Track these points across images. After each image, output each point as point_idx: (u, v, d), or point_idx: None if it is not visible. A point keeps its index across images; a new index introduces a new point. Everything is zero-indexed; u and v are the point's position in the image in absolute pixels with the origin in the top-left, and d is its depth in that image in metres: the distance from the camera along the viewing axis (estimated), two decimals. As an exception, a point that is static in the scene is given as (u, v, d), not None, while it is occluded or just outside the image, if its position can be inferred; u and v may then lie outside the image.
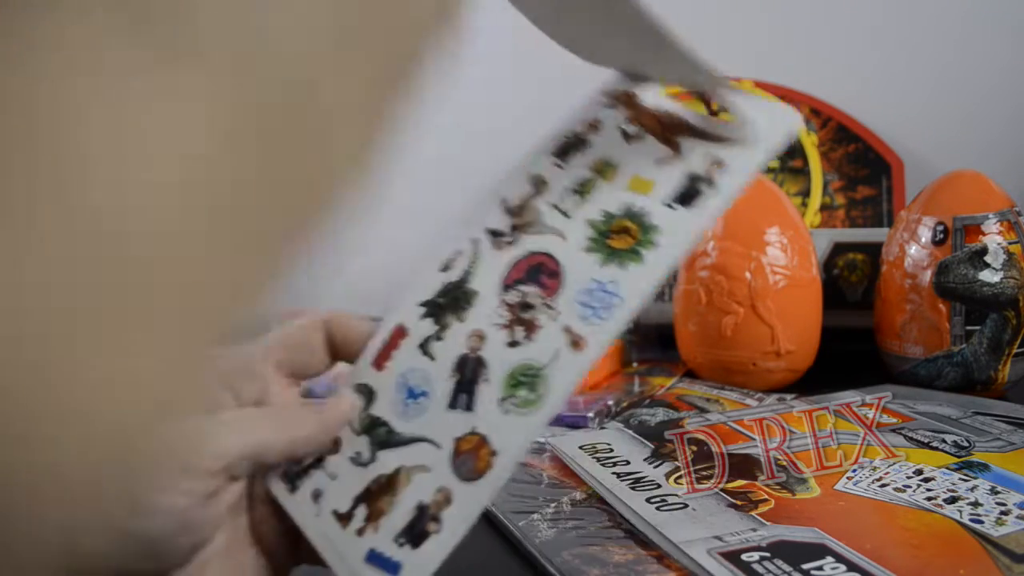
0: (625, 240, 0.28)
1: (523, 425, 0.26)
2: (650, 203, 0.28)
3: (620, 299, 0.26)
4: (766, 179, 0.58)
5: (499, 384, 0.27)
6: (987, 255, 0.49)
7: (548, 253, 0.28)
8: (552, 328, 0.27)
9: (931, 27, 0.74)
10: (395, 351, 0.29)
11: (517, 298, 0.28)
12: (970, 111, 0.74)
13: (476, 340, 0.28)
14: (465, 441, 0.26)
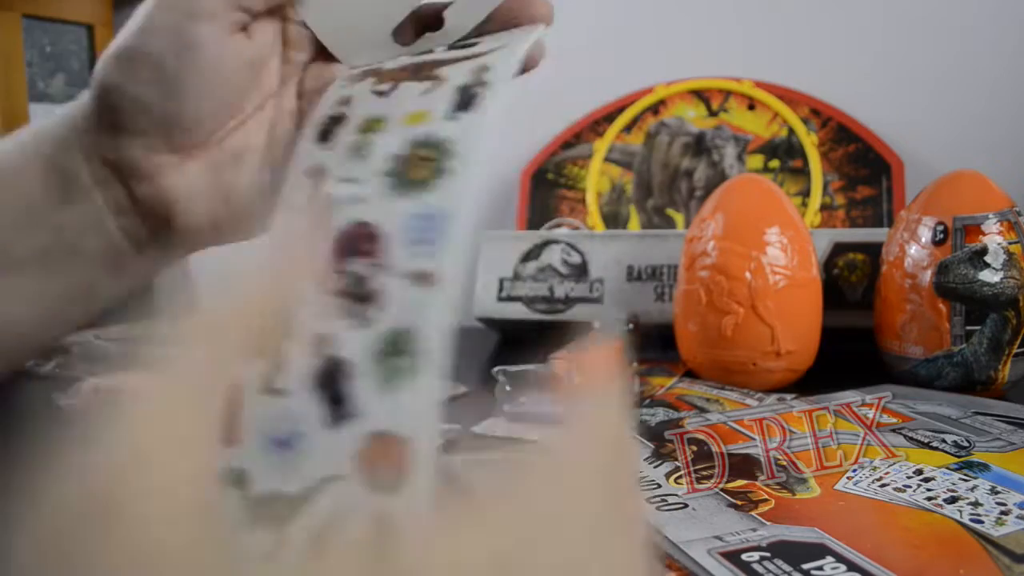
0: (423, 167, 0.26)
1: (419, 395, 0.22)
2: (432, 126, 0.27)
3: (444, 215, 0.24)
4: (766, 179, 0.58)
5: (372, 370, 0.23)
6: (987, 255, 0.49)
7: (356, 222, 0.26)
8: (394, 283, 0.24)
9: (931, 27, 0.74)
10: (240, 412, 0.24)
11: (345, 281, 0.25)
12: (970, 111, 0.74)
13: (322, 345, 0.24)
14: (369, 451, 0.23)
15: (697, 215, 0.58)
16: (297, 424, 0.23)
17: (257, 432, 0.24)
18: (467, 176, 0.25)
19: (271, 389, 0.24)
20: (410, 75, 0.30)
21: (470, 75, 0.28)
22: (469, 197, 0.25)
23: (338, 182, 0.27)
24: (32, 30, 0.93)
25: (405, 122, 0.28)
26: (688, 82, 0.78)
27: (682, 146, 0.78)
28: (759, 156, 0.76)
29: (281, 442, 0.23)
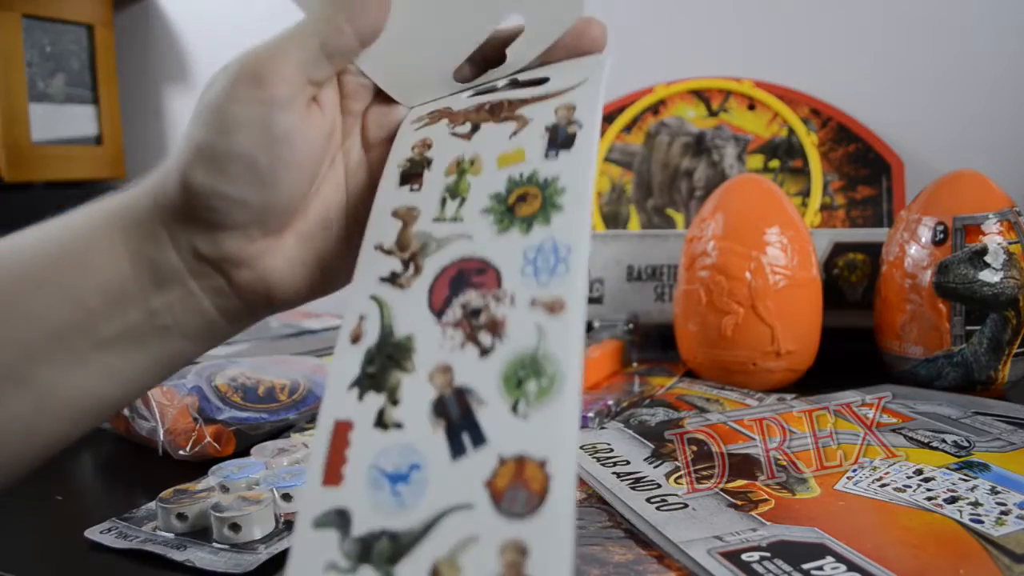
0: (530, 203, 0.26)
1: (555, 416, 0.22)
2: (531, 165, 0.27)
3: (566, 247, 0.25)
4: (766, 179, 0.58)
5: (499, 396, 0.23)
6: (987, 255, 0.49)
7: (462, 258, 0.26)
8: (518, 311, 0.24)
9: (931, 27, 0.74)
10: (347, 450, 0.24)
11: (459, 313, 0.25)
12: (970, 111, 0.74)
13: (441, 375, 0.24)
14: (499, 477, 0.22)
15: (697, 215, 0.58)
16: (415, 457, 0.23)
17: (368, 468, 0.23)
18: (581, 211, 0.26)
19: (385, 424, 0.24)
20: (488, 116, 0.30)
21: (555, 114, 0.29)
22: (586, 230, 0.25)
23: (435, 222, 0.27)
24: (32, 30, 0.93)
25: (500, 162, 0.28)
26: (688, 82, 0.78)
27: (682, 146, 0.78)
28: (759, 156, 0.76)
29: (396, 476, 0.23)
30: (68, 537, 0.36)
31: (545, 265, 0.25)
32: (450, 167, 0.29)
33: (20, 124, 0.91)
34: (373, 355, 0.25)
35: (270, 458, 0.42)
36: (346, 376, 0.25)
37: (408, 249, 0.27)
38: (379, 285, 0.27)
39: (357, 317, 0.26)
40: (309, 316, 0.89)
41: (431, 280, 0.26)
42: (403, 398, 0.24)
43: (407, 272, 0.27)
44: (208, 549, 0.34)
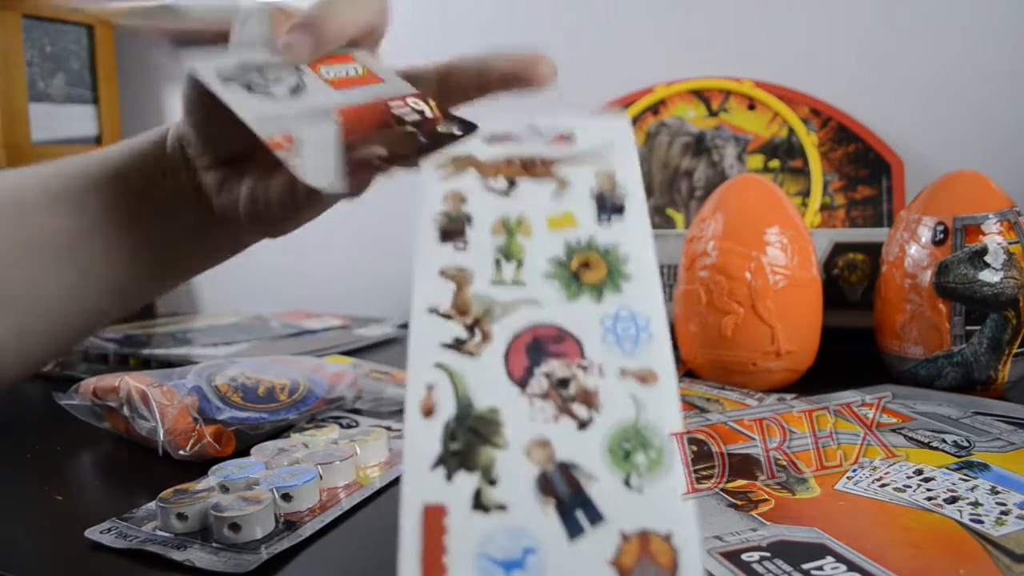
0: (595, 271, 0.26)
1: (672, 488, 0.22)
2: (585, 230, 0.27)
3: (644, 317, 0.25)
4: (766, 179, 0.58)
5: (607, 470, 0.22)
6: (987, 255, 0.49)
7: (536, 324, 0.25)
8: (608, 382, 0.24)
9: (931, 27, 0.74)
10: (444, 537, 0.22)
11: (545, 384, 0.24)
12: (970, 111, 0.74)
13: (540, 450, 0.23)
14: (624, 555, 0.21)
15: (697, 215, 0.58)
16: (527, 540, 0.22)
17: (476, 556, 0.21)
18: (650, 278, 0.26)
19: (485, 506, 0.22)
20: (523, 171, 0.29)
21: (597, 181, 0.29)
22: (660, 298, 0.25)
23: (494, 285, 0.26)
24: (32, 30, 0.93)
25: (552, 226, 0.28)
26: (688, 82, 0.78)
27: (682, 146, 0.78)
28: (759, 156, 0.76)
29: (511, 564, 0.21)
30: (68, 537, 0.36)
31: (627, 335, 0.25)
32: (496, 226, 0.28)
33: (20, 124, 0.91)
34: (454, 430, 0.23)
35: (270, 458, 0.42)
36: (427, 454, 0.23)
37: (469, 313, 0.26)
38: (443, 352, 0.25)
39: (424, 387, 0.24)
40: (309, 316, 0.89)
41: (504, 347, 0.25)
42: (500, 476, 0.22)
43: (474, 338, 0.25)
44: (208, 549, 0.34)
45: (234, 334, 0.78)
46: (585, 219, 0.28)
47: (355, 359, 0.65)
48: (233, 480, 0.39)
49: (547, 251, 0.27)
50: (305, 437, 0.46)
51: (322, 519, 0.36)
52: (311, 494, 0.38)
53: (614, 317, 0.25)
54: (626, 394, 0.23)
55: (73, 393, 0.49)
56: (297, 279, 1.03)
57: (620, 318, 0.25)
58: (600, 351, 0.24)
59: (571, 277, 0.26)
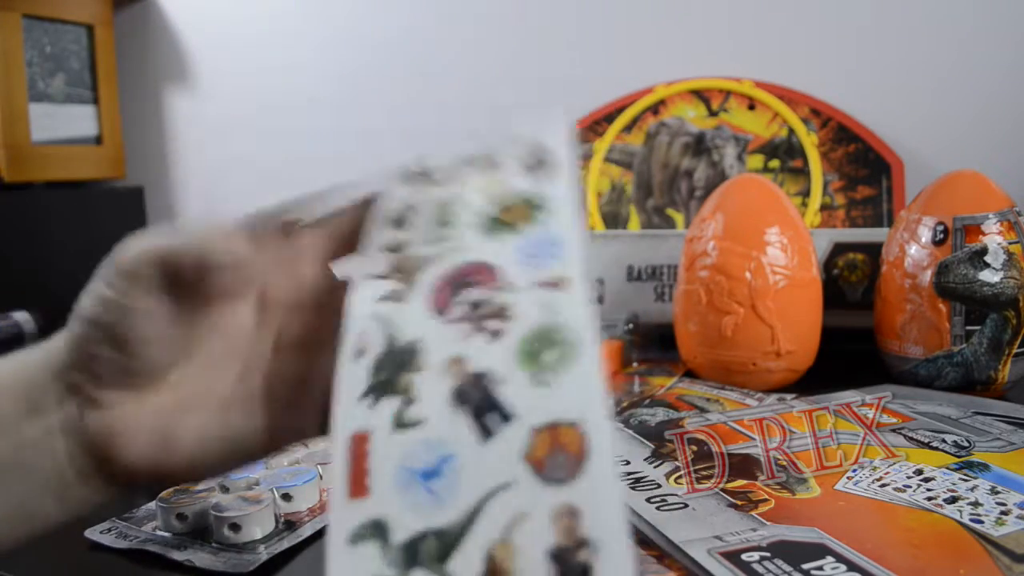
0: (517, 211, 0.27)
1: (578, 377, 0.22)
2: (511, 185, 0.28)
3: (557, 239, 0.26)
4: (766, 179, 0.58)
5: (517, 372, 0.23)
6: (987, 255, 0.49)
7: (461, 264, 0.26)
8: (522, 294, 0.24)
9: (931, 27, 0.74)
10: (367, 460, 0.23)
11: (464, 309, 0.25)
12: (970, 111, 0.74)
13: (456, 366, 0.24)
14: (535, 448, 0.22)
15: (697, 215, 0.58)
16: (443, 449, 0.22)
17: (397, 471, 0.22)
18: (564, 206, 0.27)
19: (404, 424, 0.23)
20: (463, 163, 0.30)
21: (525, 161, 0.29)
22: (575, 217, 0.26)
23: (425, 244, 0.27)
24: (32, 30, 0.93)
25: (480, 190, 0.28)
26: (688, 82, 0.78)
27: (682, 146, 0.78)
28: (759, 156, 0.76)
29: (428, 473, 0.22)
30: (68, 537, 0.36)
31: (543, 253, 0.25)
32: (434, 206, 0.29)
33: (20, 124, 0.91)
34: (382, 362, 0.25)
35: (270, 458, 0.42)
36: (355, 389, 0.24)
37: (406, 270, 0.27)
38: (376, 305, 0.26)
39: (356, 334, 0.26)
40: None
41: (432, 289, 0.26)
42: (419, 395, 0.24)
43: (403, 287, 0.26)
44: (208, 549, 0.34)
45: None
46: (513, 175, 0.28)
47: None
48: (233, 480, 0.39)
49: (476, 208, 0.28)
50: (305, 437, 0.46)
51: (322, 519, 0.36)
52: (311, 494, 0.38)
53: (533, 243, 0.26)
54: (537, 302, 0.24)
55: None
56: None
57: (537, 242, 0.26)
58: (516, 271, 0.25)
59: (494, 221, 0.27)
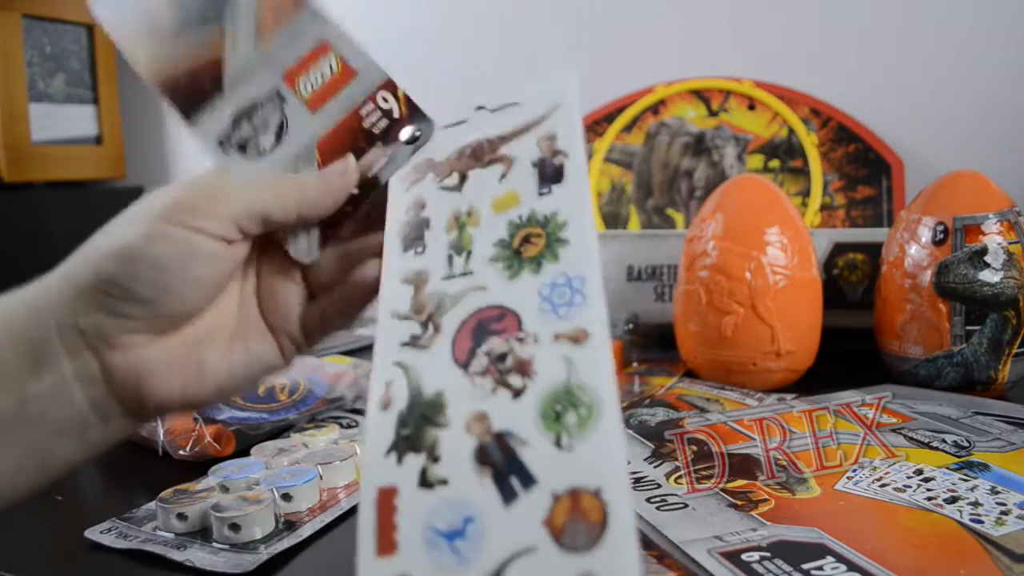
0: (535, 244, 0.27)
1: (600, 443, 0.22)
2: (527, 206, 0.28)
3: (579, 278, 0.26)
4: (766, 179, 0.58)
5: (539, 434, 0.23)
6: (987, 255, 0.49)
7: (480, 308, 0.26)
8: (543, 348, 0.24)
9: (931, 27, 0.74)
10: (396, 516, 0.23)
11: (484, 361, 0.25)
12: (970, 111, 0.74)
13: (478, 423, 0.24)
14: (555, 515, 0.22)
15: (697, 215, 0.58)
16: (467, 510, 0.23)
17: (422, 530, 0.23)
18: (586, 241, 0.26)
19: (430, 482, 0.23)
20: (473, 161, 0.30)
21: (539, 148, 0.29)
22: (595, 257, 0.26)
23: (446, 280, 0.28)
24: (32, 30, 0.93)
25: (496, 209, 0.28)
26: (688, 82, 0.78)
27: (682, 146, 0.78)
28: (759, 156, 0.76)
29: (452, 534, 0.22)
30: (68, 537, 0.36)
31: (561, 299, 0.25)
32: (449, 223, 0.29)
33: (20, 124, 0.91)
34: (405, 417, 0.25)
35: (270, 458, 0.42)
36: (381, 443, 0.25)
37: (424, 311, 0.27)
38: (401, 351, 0.27)
39: (384, 384, 0.26)
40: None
41: (452, 335, 0.26)
42: (443, 453, 0.24)
43: (427, 333, 0.27)
44: (208, 549, 0.34)
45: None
46: (527, 194, 0.28)
47: (355, 359, 0.65)
48: (233, 480, 0.39)
49: (493, 235, 0.28)
50: (305, 437, 0.46)
51: (322, 519, 0.36)
52: (311, 494, 0.38)
53: (550, 286, 0.26)
54: (558, 357, 0.24)
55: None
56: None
57: (556, 285, 0.26)
58: (536, 320, 0.25)
59: (513, 255, 0.27)
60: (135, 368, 0.28)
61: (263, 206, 0.29)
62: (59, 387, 0.28)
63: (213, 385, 0.30)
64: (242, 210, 0.29)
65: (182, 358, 0.29)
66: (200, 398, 0.30)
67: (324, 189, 0.31)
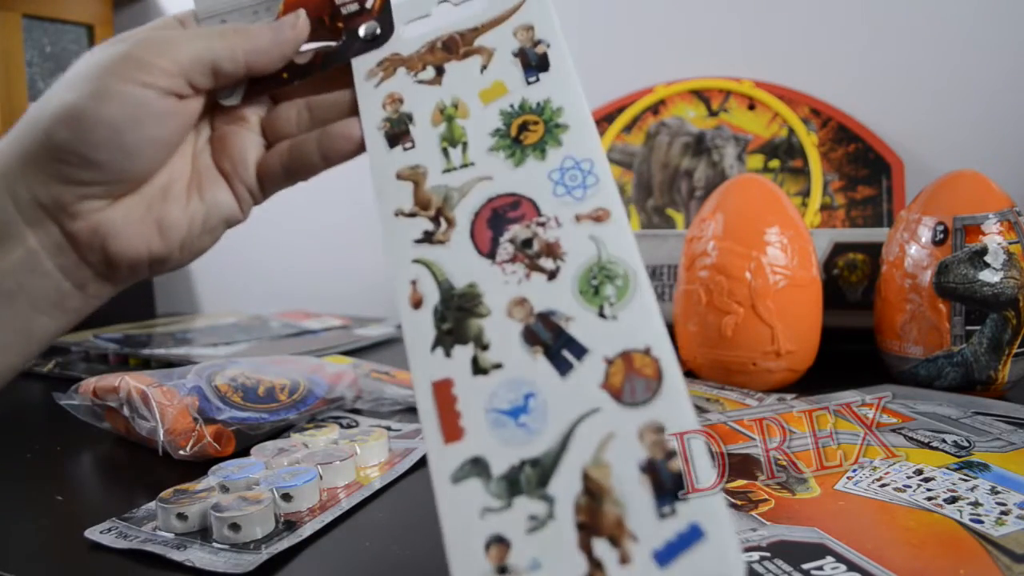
0: (534, 131, 0.28)
1: (641, 307, 0.24)
2: (516, 95, 0.29)
3: (587, 160, 0.27)
4: (766, 179, 0.58)
5: (582, 308, 0.25)
6: (987, 255, 0.49)
7: (491, 198, 0.27)
8: (567, 230, 0.26)
9: (931, 27, 0.74)
10: (456, 404, 0.25)
11: (510, 248, 0.26)
12: (970, 111, 0.74)
13: (520, 308, 0.25)
14: (612, 376, 0.24)
15: (697, 215, 0.58)
16: (526, 387, 0.24)
17: (484, 412, 0.24)
18: (586, 125, 0.27)
19: (484, 369, 0.25)
20: (447, 54, 0.31)
21: (516, 38, 0.30)
22: (597, 141, 0.27)
23: (446, 172, 0.28)
24: (32, 30, 0.93)
25: (483, 99, 0.29)
26: (688, 82, 0.78)
27: (682, 146, 0.78)
28: (759, 156, 0.76)
29: (515, 411, 0.24)
30: (68, 537, 0.36)
31: (574, 182, 0.26)
32: (434, 116, 0.29)
33: (20, 124, 0.91)
34: (443, 312, 0.26)
35: (270, 458, 0.42)
36: (424, 340, 0.26)
37: (431, 206, 0.28)
38: (416, 247, 0.27)
39: (408, 283, 0.27)
40: (309, 316, 0.89)
41: (468, 227, 0.27)
42: (491, 340, 0.25)
43: (440, 228, 0.27)
44: (208, 549, 0.34)
45: (234, 334, 0.78)
46: (514, 83, 0.29)
47: (355, 359, 0.65)
48: (233, 480, 0.39)
49: (487, 126, 0.29)
50: (305, 437, 0.46)
51: (322, 519, 0.36)
52: (311, 494, 0.38)
53: (560, 170, 0.27)
54: (585, 236, 0.25)
55: (73, 393, 0.49)
56: (297, 279, 1.03)
57: (565, 169, 0.27)
58: (553, 204, 0.26)
59: (513, 143, 0.28)
60: (97, 231, 0.28)
61: (212, 55, 0.29)
62: (28, 259, 0.28)
63: (176, 241, 0.30)
64: (191, 60, 0.28)
65: (142, 215, 0.30)
66: (165, 255, 0.30)
67: (274, 40, 0.30)
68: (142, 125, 0.28)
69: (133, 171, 0.29)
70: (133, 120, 0.27)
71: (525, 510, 0.23)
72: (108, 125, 0.27)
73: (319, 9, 0.32)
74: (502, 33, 0.30)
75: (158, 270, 0.31)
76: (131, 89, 0.27)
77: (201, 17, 0.32)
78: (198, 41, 0.29)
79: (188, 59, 0.28)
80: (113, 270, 0.30)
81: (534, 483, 0.23)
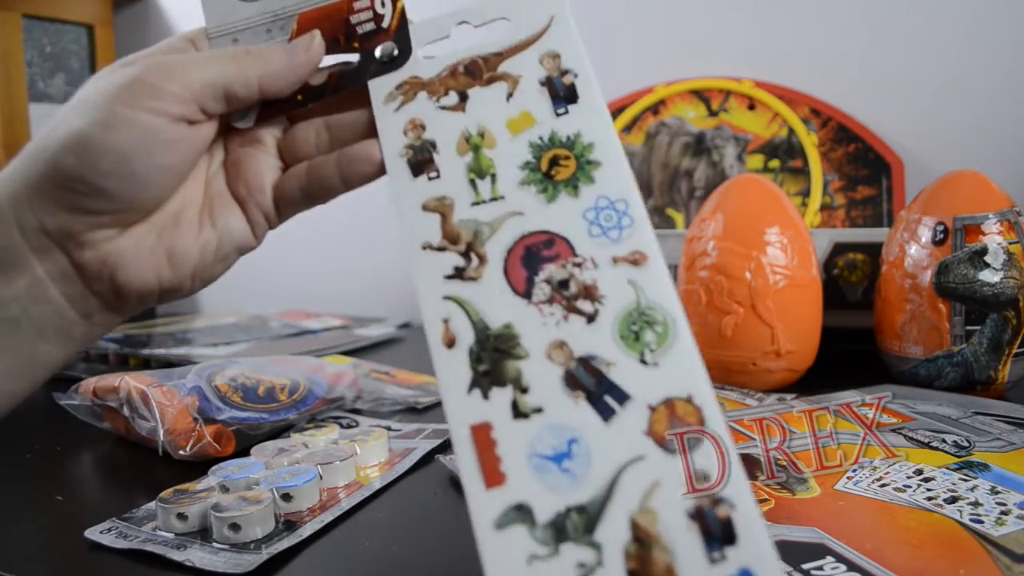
0: (566, 166, 0.27)
1: (682, 355, 0.24)
2: (546, 126, 0.28)
3: (621, 200, 0.26)
4: (766, 179, 0.58)
5: (624, 353, 0.24)
6: (987, 255, 0.49)
7: (523, 235, 0.27)
8: (603, 272, 0.25)
9: (931, 27, 0.74)
10: (496, 449, 0.24)
11: (547, 289, 0.26)
12: (970, 111, 0.74)
13: (559, 351, 0.25)
14: (656, 423, 0.23)
15: (697, 215, 0.58)
16: (569, 433, 0.24)
17: (527, 457, 0.24)
18: (618, 162, 0.27)
19: (524, 413, 0.24)
20: (470, 79, 0.30)
21: (544, 66, 0.29)
22: (631, 179, 0.26)
23: (475, 206, 0.27)
24: (32, 30, 0.93)
25: (512, 129, 0.28)
26: (688, 82, 0.78)
27: (682, 146, 0.78)
28: (759, 156, 0.76)
29: (559, 456, 0.24)
30: (68, 537, 0.36)
31: (609, 222, 0.26)
32: (459, 145, 0.29)
33: (20, 124, 0.91)
34: (478, 353, 0.25)
35: (270, 458, 0.42)
36: (459, 382, 0.25)
37: (460, 240, 0.27)
38: (447, 284, 0.26)
39: (440, 321, 0.26)
40: (309, 316, 0.89)
41: (502, 264, 0.26)
42: (531, 384, 0.25)
43: (471, 264, 0.27)
44: (208, 549, 0.34)
45: (234, 334, 0.78)
46: (542, 114, 0.28)
47: (355, 359, 0.65)
48: (233, 480, 0.39)
49: (516, 158, 0.28)
50: (305, 437, 0.46)
51: (322, 519, 0.36)
52: (311, 494, 0.38)
53: (595, 209, 0.26)
54: (623, 280, 0.25)
55: (73, 393, 0.49)
56: (297, 279, 1.03)
57: (600, 208, 0.26)
58: (589, 244, 0.26)
59: (544, 178, 0.27)
60: (106, 261, 0.28)
61: (224, 80, 0.28)
62: (34, 287, 0.27)
63: (187, 270, 0.30)
64: (203, 85, 0.28)
65: (152, 244, 0.29)
66: (176, 285, 0.30)
67: (289, 63, 0.30)
68: (152, 152, 0.27)
69: (143, 199, 0.28)
70: (143, 147, 0.27)
71: (574, 557, 0.22)
72: (117, 153, 0.26)
73: (334, 28, 0.31)
74: (527, 59, 0.29)
75: (168, 300, 0.31)
76: (140, 116, 0.26)
77: (212, 35, 0.31)
78: (210, 65, 0.28)
79: (200, 84, 0.28)
80: (121, 300, 0.29)
81: (581, 530, 0.23)
